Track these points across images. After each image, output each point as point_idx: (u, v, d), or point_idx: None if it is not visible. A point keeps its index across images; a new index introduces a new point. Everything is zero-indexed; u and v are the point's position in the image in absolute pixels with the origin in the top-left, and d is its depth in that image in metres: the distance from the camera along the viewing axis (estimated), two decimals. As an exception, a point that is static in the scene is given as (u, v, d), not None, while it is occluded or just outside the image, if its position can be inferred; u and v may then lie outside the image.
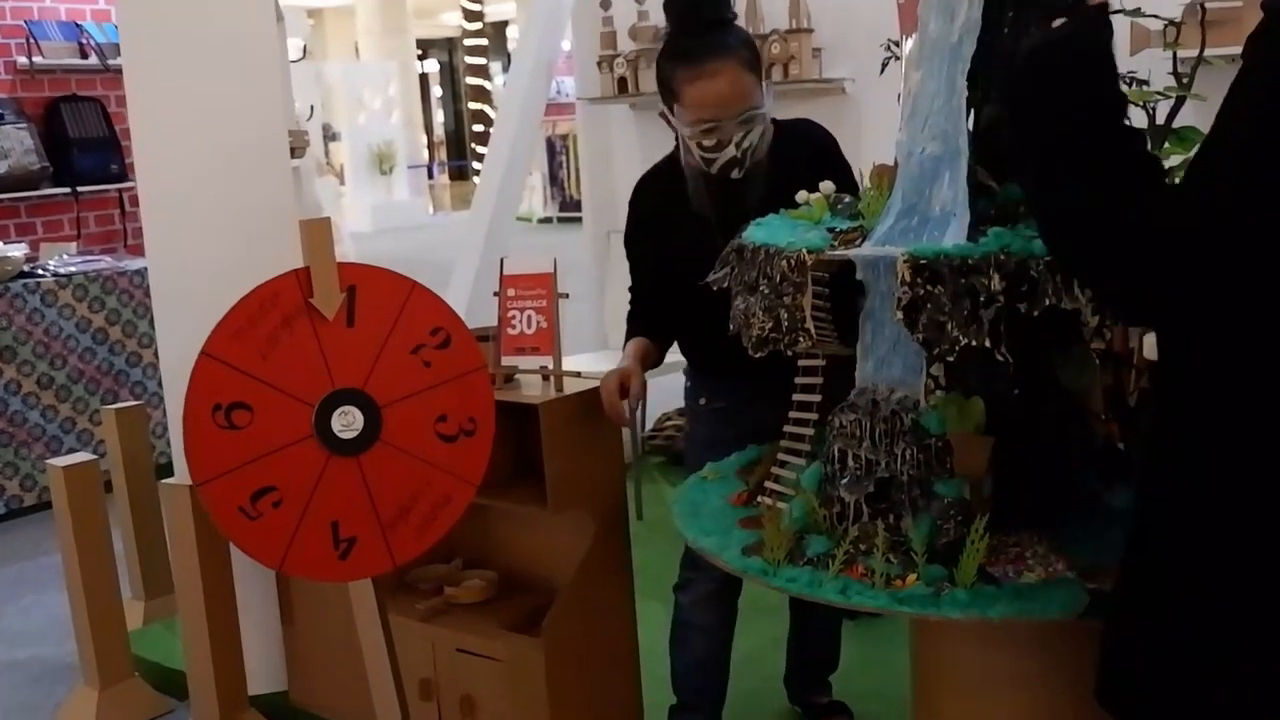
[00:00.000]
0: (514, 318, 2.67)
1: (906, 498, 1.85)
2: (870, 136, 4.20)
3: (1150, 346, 2.12)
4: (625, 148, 4.83)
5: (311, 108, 12.13)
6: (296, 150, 3.37)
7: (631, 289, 3.10)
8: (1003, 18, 1.99)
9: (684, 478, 2.46)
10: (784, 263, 1.90)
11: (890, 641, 3.26)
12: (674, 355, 4.70)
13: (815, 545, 1.89)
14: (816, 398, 2.27)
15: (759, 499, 2.20)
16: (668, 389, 5.18)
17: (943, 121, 1.89)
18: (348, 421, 2.33)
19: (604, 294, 4.92)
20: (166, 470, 3.30)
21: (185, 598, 3.00)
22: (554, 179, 16.83)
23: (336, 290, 2.31)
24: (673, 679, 2.86)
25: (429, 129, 27.11)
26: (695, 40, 2.52)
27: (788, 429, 2.30)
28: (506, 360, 2.69)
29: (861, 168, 3.94)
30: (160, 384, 4.41)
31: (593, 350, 4.94)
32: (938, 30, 1.93)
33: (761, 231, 2.09)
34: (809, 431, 2.26)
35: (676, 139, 2.70)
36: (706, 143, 2.53)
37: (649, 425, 5.30)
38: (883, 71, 2.32)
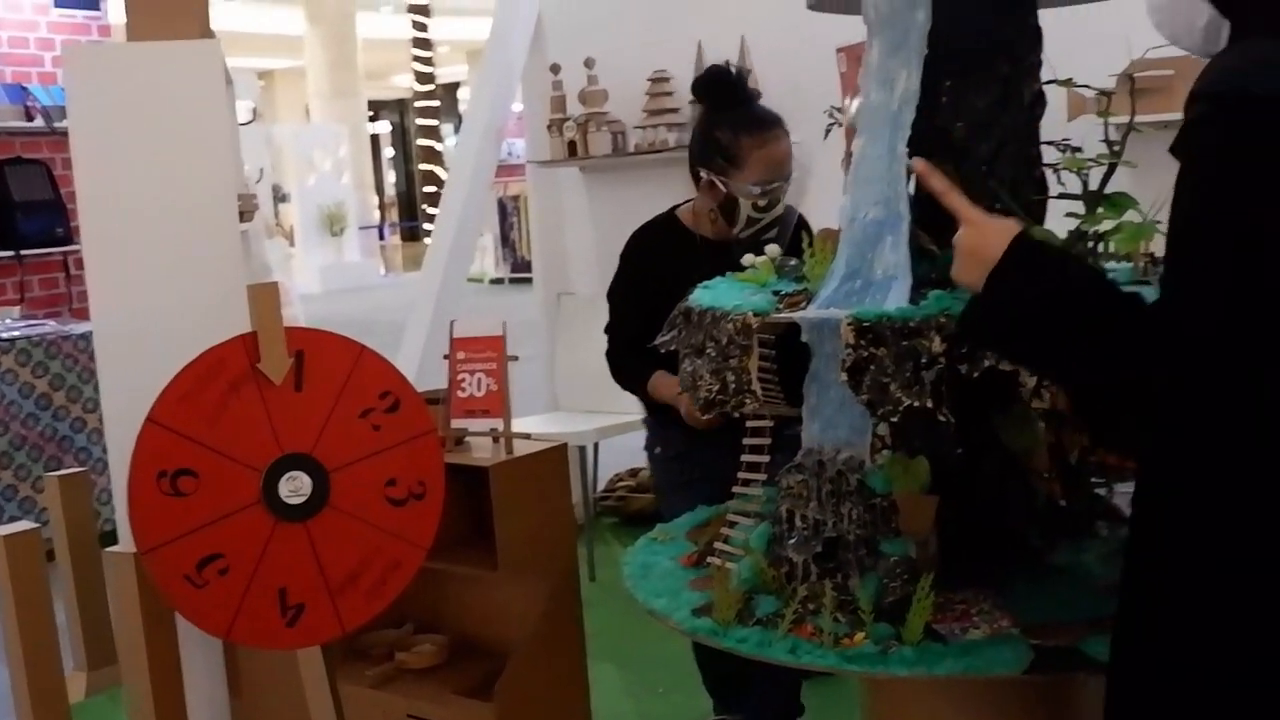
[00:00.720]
0: (464, 380, 2.68)
1: (854, 557, 1.87)
2: (816, 199, 4.26)
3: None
4: (575, 210, 4.88)
5: (261, 170, 12.15)
6: (245, 214, 3.37)
7: (615, 337, 3.21)
8: (940, 87, 2.05)
9: (635, 539, 2.48)
10: (730, 325, 1.92)
11: (850, 700, 3.27)
12: (627, 414, 4.73)
13: (764, 605, 1.90)
14: (765, 458, 2.29)
15: (709, 560, 2.22)
16: (619, 449, 5.20)
17: (884, 187, 1.93)
18: (295, 487, 2.32)
19: (555, 355, 4.94)
20: (111, 538, 3.25)
21: (129, 668, 2.94)
22: (505, 240, 16.88)
23: (284, 355, 2.30)
24: None
25: (380, 190, 27.17)
26: (752, 110, 2.92)
27: (737, 490, 2.31)
28: (456, 423, 2.69)
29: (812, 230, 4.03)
30: (105, 450, 4.36)
31: (544, 412, 4.95)
32: (878, 99, 1.98)
33: (708, 295, 2.12)
34: (758, 492, 2.28)
35: (681, 204, 3.13)
36: (761, 203, 2.87)
37: (600, 486, 5.30)
38: (826, 137, 2.37)
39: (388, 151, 30.22)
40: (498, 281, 16.79)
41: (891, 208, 1.92)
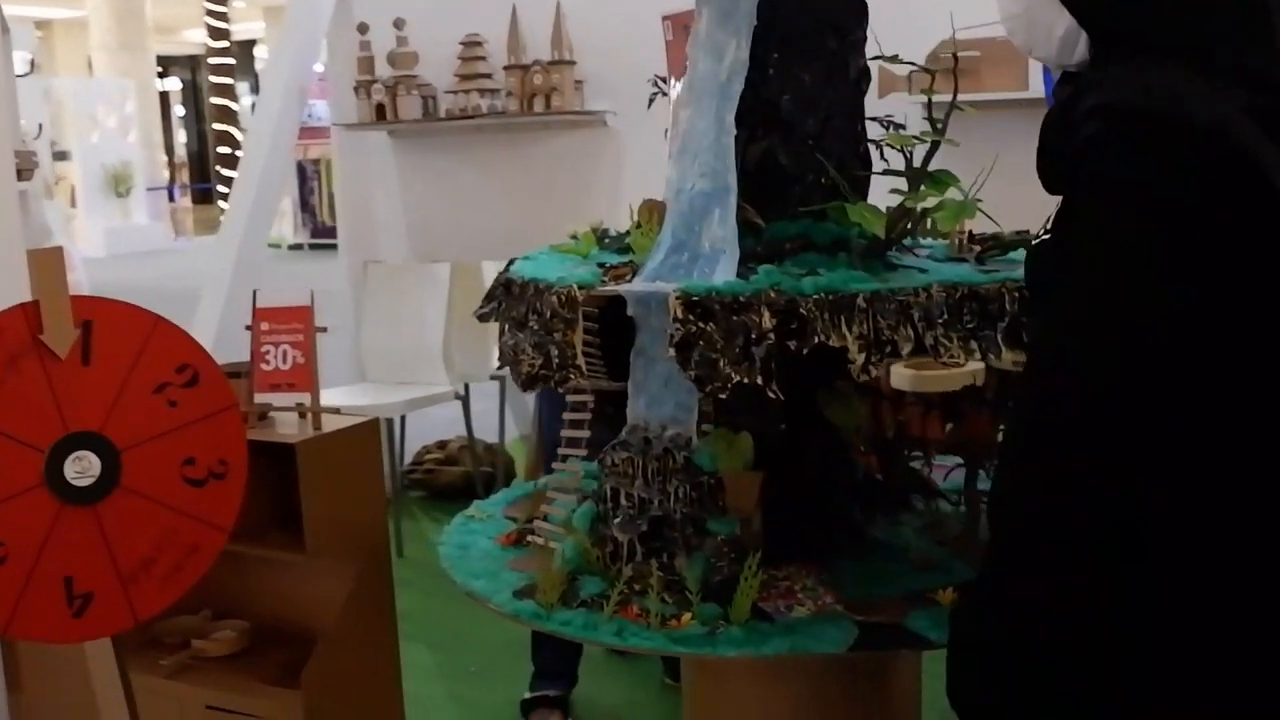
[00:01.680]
0: (268, 353, 2.54)
1: (680, 536, 1.83)
2: (632, 170, 4.23)
3: (898, 377, 2.19)
4: (383, 176, 4.71)
5: (40, 126, 11.39)
6: (24, 172, 3.12)
7: None
8: (768, 59, 2.03)
9: (444, 514, 2.41)
10: (554, 298, 1.86)
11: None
12: (435, 386, 4.62)
13: (589, 586, 1.86)
14: (585, 433, 2.25)
15: (528, 539, 2.16)
16: (427, 421, 5.08)
17: (712, 159, 1.90)
18: (83, 468, 2.15)
19: (361, 326, 4.78)
20: None
21: (-108, 664, 2.71)
22: (305, 205, 16.35)
23: (70, 326, 2.12)
24: None
25: (170, 150, 25.96)
26: None
27: (555, 465, 2.26)
28: (260, 398, 2.55)
29: (623, 200, 3.98)
30: None
31: (350, 384, 4.78)
32: (706, 69, 1.94)
33: (530, 266, 2.05)
34: (577, 468, 2.23)
35: None
36: None
37: (408, 459, 5.17)
38: (650, 107, 2.32)
39: (179, 110, 28.91)
40: (297, 247, 16.26)
41: (719, 180, 1.88)
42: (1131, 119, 1.34)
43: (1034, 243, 1.87)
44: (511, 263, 2.14)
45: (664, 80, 2.29)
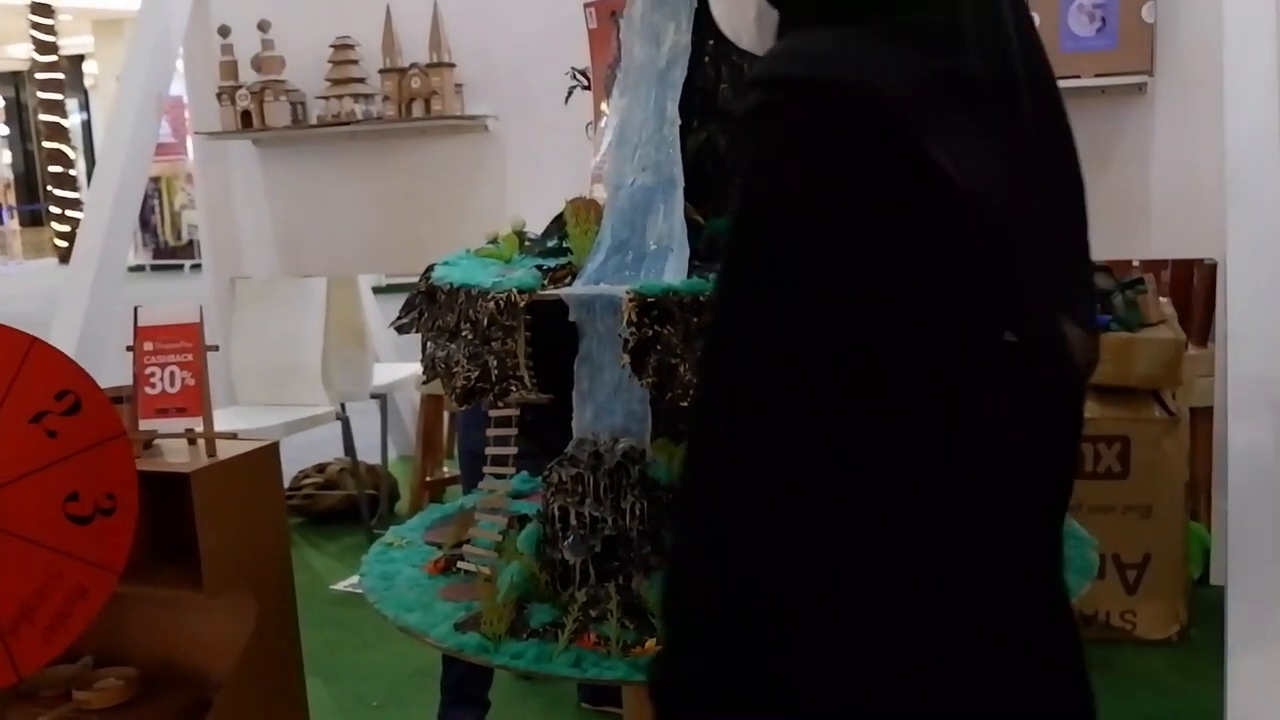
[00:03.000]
0: (153, 375, 2.33)
1: (637, 555, 1.71)
2: (514, 174, 4.09)
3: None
4: (248, 187, 4.46)
5: None
6: None
7: None
8: (703, 45, 1.92)
9: (325, 539, 2.24)
10: (492, 304, 1.72)
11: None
12: (312, 407, 4.39)
13: (539, 615, 1.72)
14: (511, 450, 2.10)
15: (458, 565, 2.00)
16: (305, 444, 4.84)
17: (654, 151, 1.79)
18: (-48, 509, 1.92)
19: (230, 345, 4.51)
20: None
21: None
22: (145, 224, 15.67)
23: (-69, 350, 1.90)
24: None
25: (-12, 172, 24.74)
26: None
27: (482, 485, 2.12)
28: (145, 424, 2.33)
29: (508, 208, 3.83)
30: None
31: (222, 406, 4.51)
32: (643, 56, 1.83)
33: (455, 271, 1.91)
34: (506, 487, 2.09)
35: None
36: None
37: (286, 482, 4.91)
38: (567, 100, 2.19)
39: (1, 129, 27.56)
40: (138, 269, 15.56)
41: (662, 173, 1.77)
42: (782, 86, 1.33)
43: None
44: (431, 269, 1.99)
45: (583, 73, 2.16)
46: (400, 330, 1.96)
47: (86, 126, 24.07)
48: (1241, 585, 2.34)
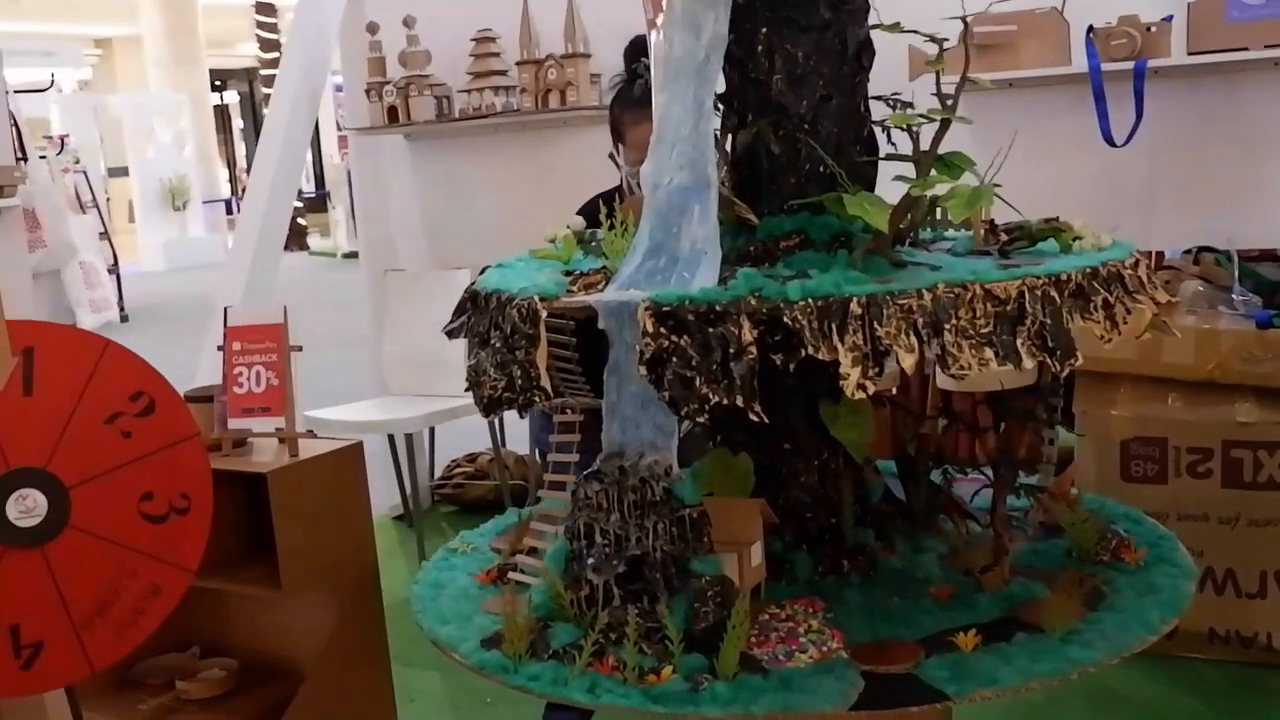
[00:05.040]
0: (240, 375, 2.36)
1: (661, 577, 1.62)
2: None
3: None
4: (400, 181, 4.54)
5: (62, 139, 11.37)
6: (4, 189, 2.98)
7: None
8: (756, 35, 1.81)
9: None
10: (515, 312, 1.65)
11: None
12: (461, 399, 4.43)
13: (561, 635, 1.65)
14: (573, 457, 2.04)
15: (510, 576, 1.95)
16: (456, 433, 4.90)
17: (690, 149, 1.68)
18: (27, 506, 1.99)
19: (382, 337, 4.61)
20: None
21: None
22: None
23: (8, 354, 1.96)
24: None
25: (231, 162, 26.16)
26: (633, 86, 2.73)
27: (542, 493, 2.06)
28: (234, 423, 2.37)
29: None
30: None
31: (373, 396, 4.62)
32: (683, 48, 1.72)
33: (498, 275, 1.85)
34: (565, 495, 2.02)
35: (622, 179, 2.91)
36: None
37: (438, 472, 5.00)
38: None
39: (238, 122, 29.12)
40: (352, 255, 16.19)
41: (698, 172, 1.67)
42: None
43: None
44: (484, 271, 1.95)
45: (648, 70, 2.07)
46: (450, 335, 1.91)
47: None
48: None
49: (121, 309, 11.83)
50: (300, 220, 19.68)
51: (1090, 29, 3.36)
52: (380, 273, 4.66)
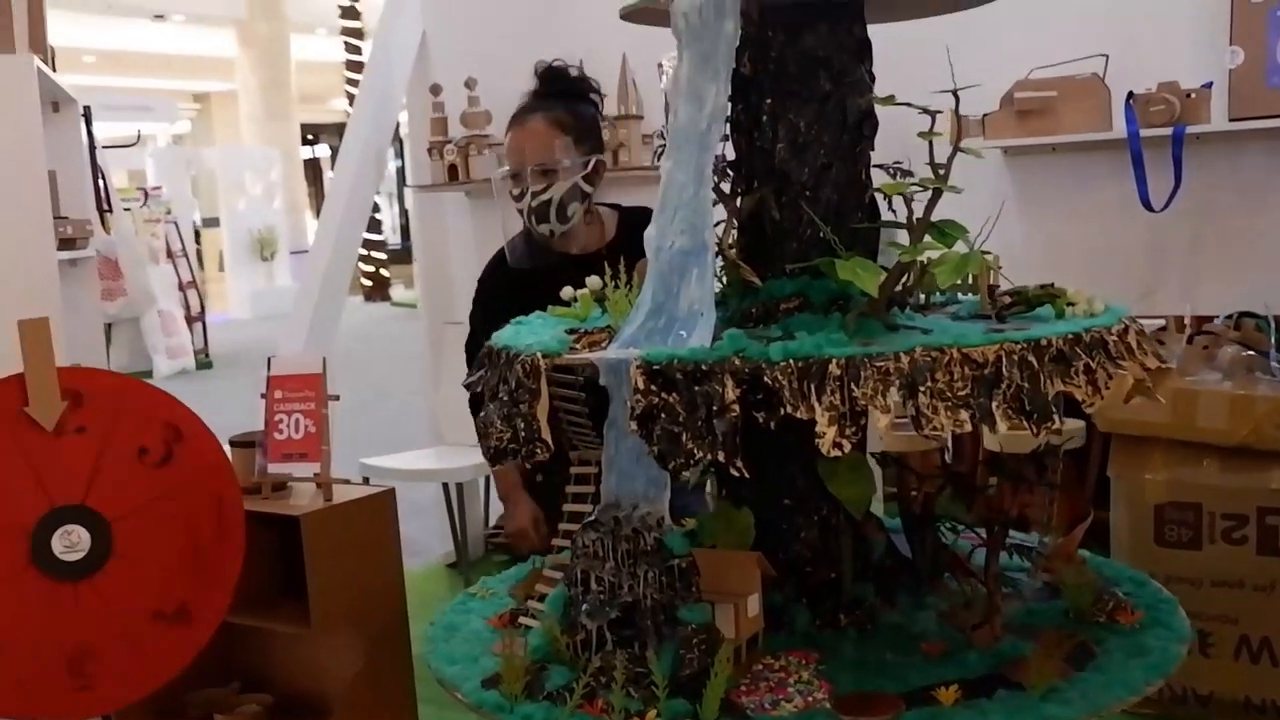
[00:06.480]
0: (281, 421, 2.48)
1: (651, 624, 1.68)
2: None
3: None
4: (459, 236, 4.68)
5: (147, 192, 11.77)
6: (77, 240, 3.15)
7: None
8: (761, 105, 1.90)
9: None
10: (519, 367, 1.74)
11: None
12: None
13: (555, 677, 1.72)
14: (587, 508, 2.11)
15: (520, 620, 2.03)
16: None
17: (690, 214, 1.76)
18: (71, 542, 2.11)
19: (439, 387, 4.73)
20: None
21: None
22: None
23: (56, 398, 2.09)
24: None
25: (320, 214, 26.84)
26: (527, 103, 2.85)
27: (556, 542, 2.13)
28: (274, 468, 2.48)
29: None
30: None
31: (428, 446, 4.74)
32: (687, 117, 1.80)
33: (512, 332, 1.94)
34: (579, 544, 2.09)
35: None
36: (514, 191, 2.76)
37: (491, 521, 5.09)
38: (655, 159, 2.20)
39: (329, 175, 29.88)
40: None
41: (697, 236, 1.74)
42: None
43: None
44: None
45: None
46: (468, 389, 2.01)
47: (400, 173, 25.82)
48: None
49: (206, 355, 12.20)
50: (384, 271, 20.17)
51: (1130, 95, 3.40)
52: (439, 325, 4.79)
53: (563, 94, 2.85)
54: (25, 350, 2.08)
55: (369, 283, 19.76)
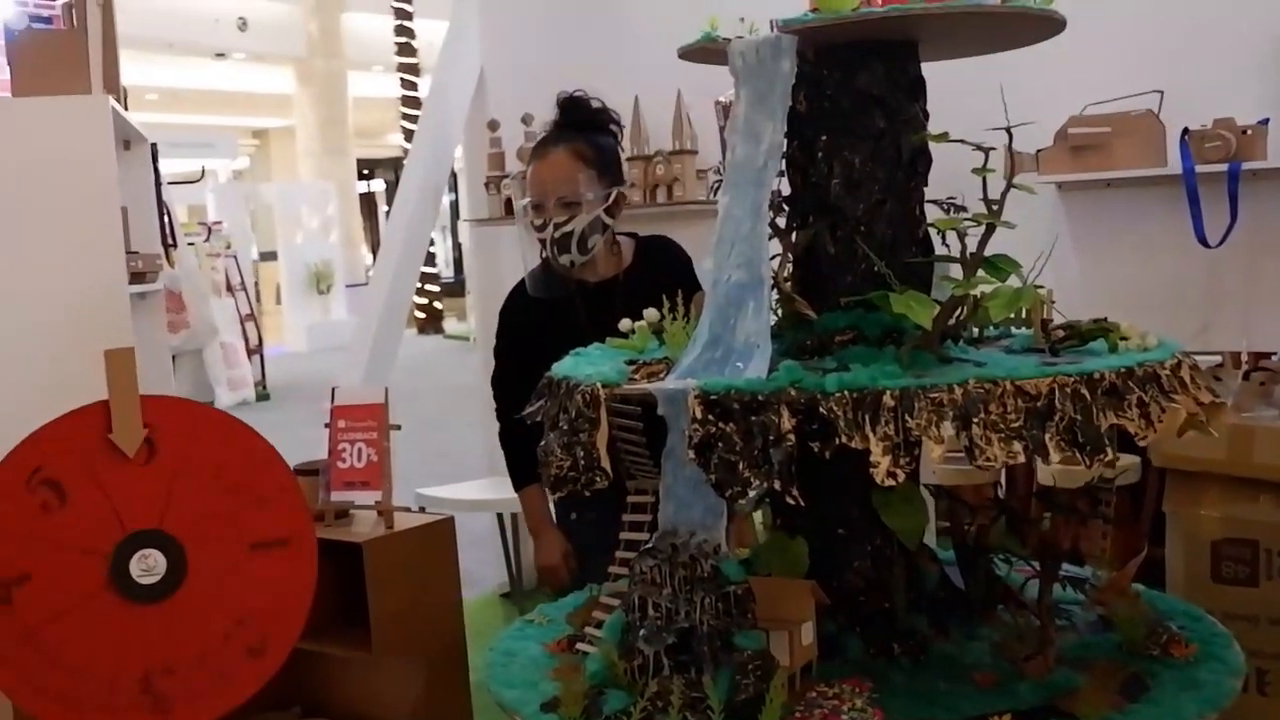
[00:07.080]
0: (344, 450, 2.54)
1: (707, 650, 1.71)
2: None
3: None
4: (514, 270, 4.73)
5: (210, 227, 12.00)
6: (148, 274, 3.25)
7: (503, 416, 3.06)
8: (817, 141, 1.94)
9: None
10: (579, 398, 1.79)
11: None
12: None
13: (613, 701, 1.75)
14: (644, 536, 2.14)
15: (578, 646, 2.06)
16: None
17: (747, 249, 1.80)
18: (148, 565, 2.18)
19: (494, 419, 4.78)
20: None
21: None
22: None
23: (139, 426, 2.16)
24: None
25: (375, 248, 27.16)
26: (549, 134, 2.86)
27: (613, 569, 2.17)
28: (335, 496, 2.54)
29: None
30: None
31: (484, 477, 4.79)
32: (744, 155, 1.86)
33: (572, 362, 1.99)
34: (636, 573, 2.13)
35: None
36: (536, 221, 2.79)
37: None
38: (711, 195, 2.24)
39: (384, 209, 30.27)
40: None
41: (754, 270, 1.79)
42: None
43: None
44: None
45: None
46: (528, 419, 2.05)
47: (454, 207, 26.11)
48: None
49: (264, 387, 12.38)
50: (437, 304, 20.36)
51: (1185, 131, 3.41)
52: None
53: (584, 125, 2.87)
54: (110, 378, 2.16)
55: (422, 315, 19.95)
